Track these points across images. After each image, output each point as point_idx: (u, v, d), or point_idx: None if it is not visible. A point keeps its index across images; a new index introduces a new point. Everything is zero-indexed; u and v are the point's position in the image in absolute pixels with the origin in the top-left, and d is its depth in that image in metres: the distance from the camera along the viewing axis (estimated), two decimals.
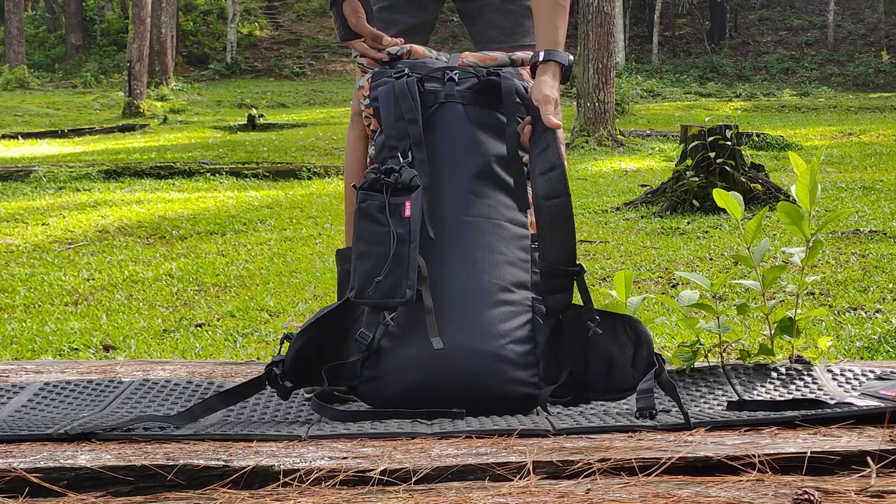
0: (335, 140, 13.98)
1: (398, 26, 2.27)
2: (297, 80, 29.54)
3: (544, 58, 1.99)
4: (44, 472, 1.46)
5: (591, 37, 12.63)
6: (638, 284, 4.41)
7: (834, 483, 1.36)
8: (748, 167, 6.98)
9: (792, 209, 2.11)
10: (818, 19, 32.06)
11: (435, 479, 1.44)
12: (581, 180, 9.49)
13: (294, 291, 4.62)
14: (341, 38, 2.12)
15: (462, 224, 1.93)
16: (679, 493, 1.32)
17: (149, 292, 4.74)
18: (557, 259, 1.90)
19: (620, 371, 1.89)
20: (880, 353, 3.08)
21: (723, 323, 2.17)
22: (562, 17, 2.07)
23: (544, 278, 1.91)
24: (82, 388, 2.09)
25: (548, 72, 1.98)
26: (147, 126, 17.76)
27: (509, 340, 1.87)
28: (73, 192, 9.26)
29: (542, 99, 1.94)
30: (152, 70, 23.71)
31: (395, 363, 1.87)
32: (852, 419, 1.67)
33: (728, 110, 19.73)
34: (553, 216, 1.89)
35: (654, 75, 28.29)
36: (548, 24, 2.05)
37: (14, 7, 27.25)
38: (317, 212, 7.53)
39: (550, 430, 1.66)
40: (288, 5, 34.99)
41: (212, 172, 10.42)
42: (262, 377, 1.88)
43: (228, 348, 3.56)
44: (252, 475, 1.46)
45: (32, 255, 5.88)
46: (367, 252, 1.88)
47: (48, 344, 3.70)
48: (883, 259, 4.73)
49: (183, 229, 6.78)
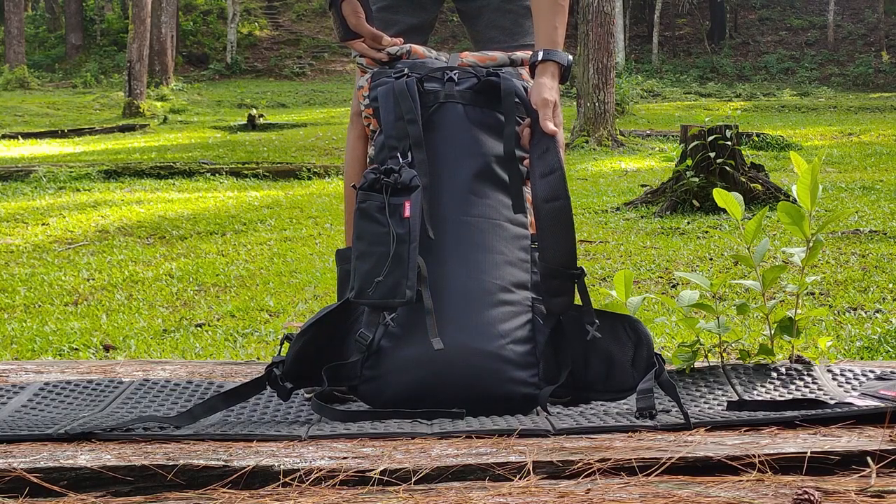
0: (335, 140, 13.98)
1: (398, 26, 2.26)
2: (297, 80, 29.54)
3: (543, 57, 1.99)
4: (44, 472, 1.46)
5: (591, 37, 12.63)
6: (638, 284, 4.41)
7: (834, 483, 1.36)
8: (748, 167, 6.98)
9: (792, 209, 2.11)
10: (818, 19, 32.06)
11: (435, 479, 1.44)
12: (581, 180, 9.49)
13: (294, 291, 4.62)
14: (341, 38, 2.12)
15: (462, 224, 1.93)
16: (679, 493, 1.32)
17: (149, 292, 4.74)
18: (558, 261, 1.90)
19: (620, 371, 1.89)
20: (880, 353, 3.08)
21: (723, 323, 2.17)
22: (561, 16, 2.07)
23: (545, 281, 1.91)
24: (82, 388, 2.09)
25: (547, 72, 1.98)
26: (147, 126, 17.75)
27: (509, 340, 1.87)
28: (73, 192, 9.26)
29: (541, 103, 1.94)
30: (152, 70, 23.70)
31: (395, 363, 1.87)
32: (852, 419, 1.67)
33: (728, 110, 19.73)
34: (553, 219, 1.89)
35: (654, 75, 28.28)
36: (547, 24, 2.05)
37: (14, 7, 27.25)
38: (317, 212, 7.53)
39: (550, 430, 1.66)
40: (288, 5, 34.98)
41: (212, 172, 10.42)
42: (262, 378, 1.88)
43: (228, 348, 3.56)
44: (252, 475, 1.46)
45: (32, 255, 5.88)
46: (366, 252, 1.87)
47: (48, 344, 3.70)
48: (883, 259, 4.73)
49: (183, 229, 6.78)
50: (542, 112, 1.93)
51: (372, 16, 2.12)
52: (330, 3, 2.11)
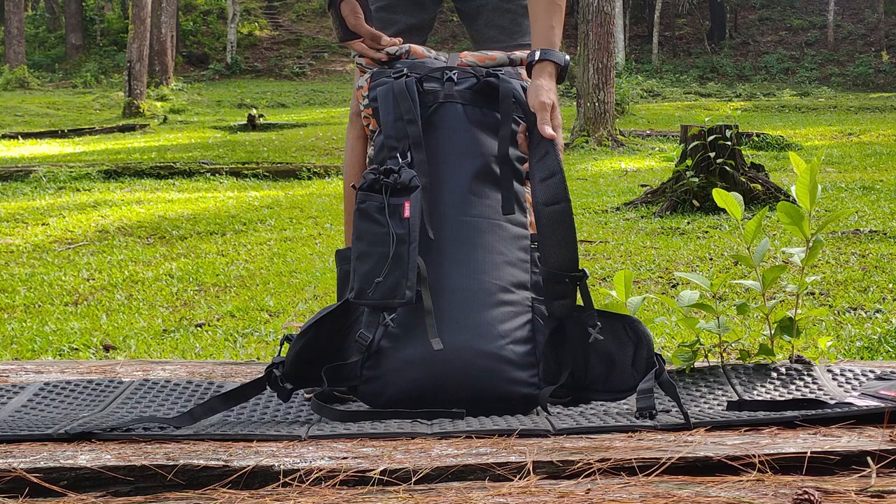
0: (335, 140, 13.98)
1: (397, 26, 2.26)
2: (297, 80, 29.54)
3: (540, 57, 1.99)
4: (44, 472, 1.46)
5: (591, 37, 12.63)
6: (638, 284, 4.41)
7: (834, 483, 1.36)
8: (748, 167, 6.98)
9: (792, 209, 2.11)
10: (818, 19, 32.06)
11: (435, 479, 1.44)
12: (581, 180, 9.49)
13: (294, 291, 4.62)
14: (340, 38, 2.12)
15: (462, 224, 1.93)
16: (679, 493, 1.32)
17: (149, 292, 4.74)
18: (559, 264, 1.89)
19: (621, 371, 1.89)
20: (880, 353, 3.08)
21: (723, 323, 2.17)
22: (558, 16, 2.06)
23: (546, 284, 1.91)
24: (82, 388, 2.09)
25: (544, 73, 1.98)
26: (147, 126, 17.76)
27: (509, 341, 1.86)
28: (73, 192, 9.26)
29: (539, 106, 1.93)
30: (152, 70, 23.70)
31: (395, 364, 1.87)
32: (852, 419, 1.67)
33: (728, 110, 19.73)
34: (554, 222, 1.89)
35: (654, 75, 28.29)
36: (543, 24, 2.05)
37: (14, 7, 27.25)
38: (317, 212, 7.53)
39: (550, 430, 1.66)
40: (288, 5, 34.99)
41: (212, 172, 10.42)
42: (262, 379, 1.88)
43: (228, 348, 3.56)
44: (252, 475, 1.46)
45: (32, 255, 5.88)
46: (366, 253, 1.87)
47: (48, 344, 3.70)
48: (883, 259, 4.73)
49: (183, 229, 6.78)
50: (540, 115, 1.93)
51: (371, 16, 2.12)
52: (329, 3, 2.11)
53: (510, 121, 1.97)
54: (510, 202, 1.95)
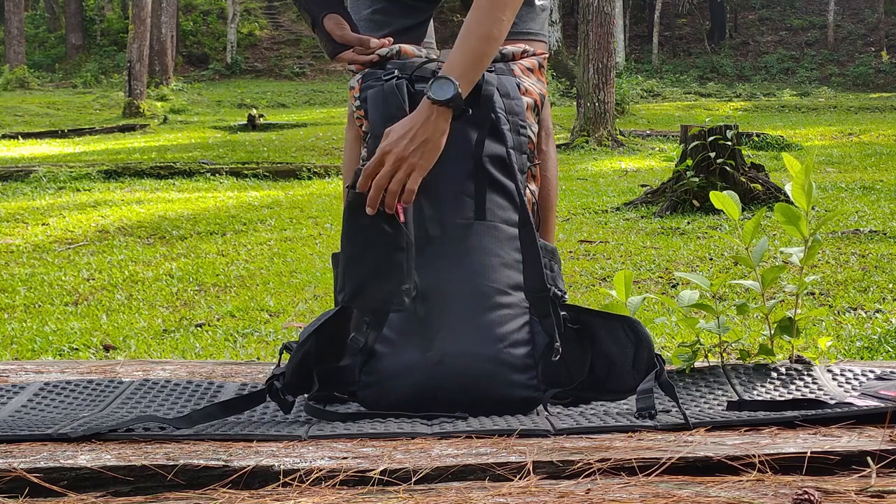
0: (335, 140, 13.98)
1: (391, 27, 2.24)
2: (297, 80, 29.54)
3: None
4: (44, 472, 1.47)
5: (591, 37, 12.63)
6: (638, 284, 4.41)
7: (834, 483, 1.36)
8: (748, 167, 6.98)
9: (789, 209, 2.11)
10: (818, 19, 32.05)
11: (435, 479, 1.44)
12: (581, 180, 9.49)
13: (294, 291, 4.62)
14: (330, 54, 2.09)
15: (456, 227, 1.91)
16: (679, 493, 1.32)
17: (149, 292, 4.74)
18: (532, 286, 1.89)
19: (621, 372, 1.89)
20: (880, 353, 3.08)
21: (723, 323, 2.17)
22: (477, 41, 1.89)
23: (532, 305, 1.91)
24: (82, 388, 2.09)
25: (421, 106, 1.83)
26: (147, 126, 17.75)
27: (507, 344, 1.85)
28: (73, 192, 9.26)
29: (378, 152, 1.83)
30: (152, 70, 23.70)
31: (392, 369, 1.85)
32: (852, 419, 1.67)
33: (728, 110, 19.73)
34: (523, 244, 1.89)
35: (654, 75, 28.28)
36: (458, 45, 1.90)
37: (14, 7, 27.24)
38: (317, 212, 7.53)
39: (550, 430, 1.66)
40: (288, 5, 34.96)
41: (212, 172, 10.41)
42: (262, 391, 1.85)
43: (228, 348, 3.56)
44: (252, 475, 1.46)
45: (32, 255, 5.88)
46: (357, 255, 1.85)
47: (48, 344, 3.70)
48: (883, 259, 4.73)
49: (183, 229, 6.78)
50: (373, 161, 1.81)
51: (356, 27, 2.10)
52: (312, 25, 2.10)
53: (488, 125, 1.93)
54: (482, 208, 1.92)
